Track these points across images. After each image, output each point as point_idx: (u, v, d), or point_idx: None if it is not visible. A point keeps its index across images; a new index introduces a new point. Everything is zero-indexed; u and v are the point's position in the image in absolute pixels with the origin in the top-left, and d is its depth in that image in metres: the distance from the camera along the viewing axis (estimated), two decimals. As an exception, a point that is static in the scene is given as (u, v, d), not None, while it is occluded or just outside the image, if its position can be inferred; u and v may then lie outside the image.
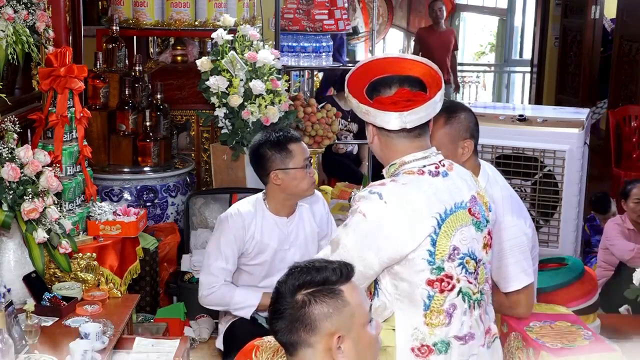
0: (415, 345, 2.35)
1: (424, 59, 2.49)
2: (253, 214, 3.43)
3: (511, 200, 2.97)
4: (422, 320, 2.34)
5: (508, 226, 2.87)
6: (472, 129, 2.99)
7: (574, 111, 5.01)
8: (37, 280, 3.29)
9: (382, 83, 2.40)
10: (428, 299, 2.33)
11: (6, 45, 3.45)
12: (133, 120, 4.62)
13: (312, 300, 1.81)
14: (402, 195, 2.32)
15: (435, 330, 2.34)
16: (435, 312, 2.34)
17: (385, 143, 2.42)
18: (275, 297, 1.86)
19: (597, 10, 8.26)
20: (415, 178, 2.37)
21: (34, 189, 3.17)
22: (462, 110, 3.00)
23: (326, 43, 5.67)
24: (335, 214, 4.64)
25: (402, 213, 2.30)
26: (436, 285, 2.33)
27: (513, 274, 2.88)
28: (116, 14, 5.02)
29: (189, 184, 4.90)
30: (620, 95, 7.64)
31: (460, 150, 2.95)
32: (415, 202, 2.32)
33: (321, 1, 5.56)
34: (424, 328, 2.34)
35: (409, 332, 2.35)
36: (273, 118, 4.57)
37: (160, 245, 4.31)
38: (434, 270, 2.32)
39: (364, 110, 2.37)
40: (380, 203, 2.31)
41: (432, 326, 2.34)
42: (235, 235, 3.39)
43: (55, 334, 3.06)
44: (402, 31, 11.30)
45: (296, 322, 1.81)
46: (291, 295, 1.83)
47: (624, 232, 4.83)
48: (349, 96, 2.41)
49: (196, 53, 5.66)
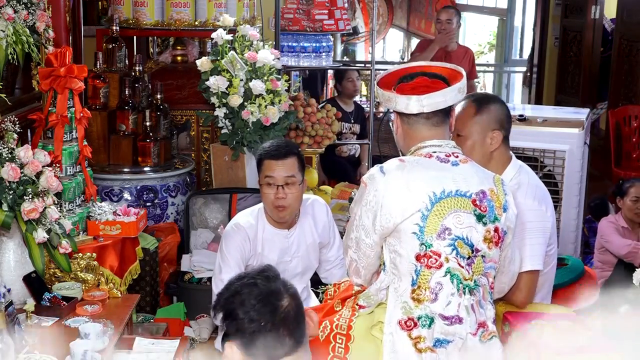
0: (403, 319, 2.46)
1: (452, 65, 2.67)
2: (254, 225, 3.43)
3: (536, 188, 3.06)
4: (410, 295, 2.46)
5: (529, 208, 2.94)
6: (503, 120, 3.05)
7: (574, 111, 5.01)
8: (37, 280, 3.29)
9: (407, 76, 2.58)
10: (415, 273, 2.46)
11: (6, 45, 3.45)
12: (133, 120, 4.62)
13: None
14: (401, 170, 2.49)
15: (421, 305, 2.45)
16: (422, 288, 2.45)
17: (407, 131, 2.57)
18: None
19: (597, 10, 8.26)
20: (421, 159, 2.52)
21: (34, 189, 3.17)
22: (493, 102, 3.08)
23: (326, 43, 5.68)
24: (335, 213, 4.65)
25: (396, 185, 2.46)
26: (423, 261, 2.45)
27: (527, 254, 2.92)
28: (116, 14, 5.02)
29: (189, 184, 4.90)
30: (620, 95, 7.64)
31: (489, 140, 3.02)
32: (413, 178, 2.47)
33: (321, 1, 5.56)
34: (411, 302, 2.46)
35: (398, 306, 2.47)
36: (273, 118, 4.57)
37: (160, 245, 4.31)
38: (422, 245, 2.44)
39: (386, 97, 2.55)
40: (380, 175, 2.50)
41: (418, 301, 2.46)
42: (240, 248, 3.40)
43: (55, 334, 3.05)
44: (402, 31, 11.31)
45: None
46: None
47: (618, 230, 4.84)
48: (376, 88, 2.61)
49: (196, 53, 5.66)
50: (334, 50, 6.30)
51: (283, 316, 1.82)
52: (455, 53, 6.41)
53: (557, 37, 8.94)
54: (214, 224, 4.67)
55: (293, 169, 3.31)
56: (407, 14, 11.33)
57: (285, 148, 3.37)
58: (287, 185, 3.30)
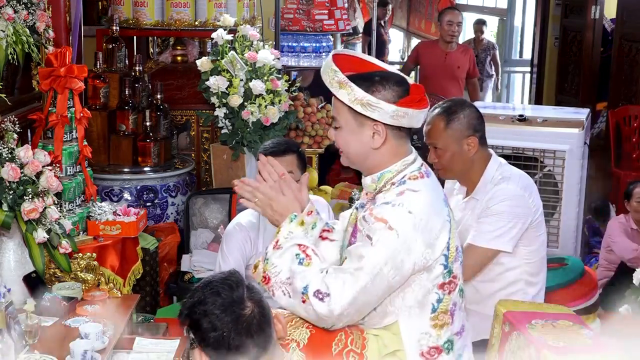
0: (424, 350, 2.33)
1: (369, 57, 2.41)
2: (256, 225, 3.43)
3: (521, 176, 3.11)
4: (430, 324, 2.33)
5: (513, 194, 3.00)
6: (474, 124, 3.05)
7: (574, 111, 5.01)
8: (37, 280, 3.29)
9: (390, 79, 2.26)
10: (437, 302, 2.32)
11: (6, 45, 3.45)
12: (133, 120, 4.62)
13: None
14: (423, 203, 2.25)
15: (442, 331, 2.34)
16: (441, 314, 2.33)
17: (392, 146, 2.31)
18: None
19: (597, 10, 8.25)
20: (424, 182, 2.31)
21: (34, 189, 3.17)
22: (460, 109, 3.04)
23: (326, 43, 5.69)
24: (336, 213, 4.63)
25: (426, 221, 2.24)
26: (446, 288, 2.33)
27: (482, 230, 2.98)
28: (116, 14, 5.02)
29: (189, 184, 4.90)
30: (620, 95, 7.64)
31: (466, 147, 3.02)
32: (434, 207, 2.28)
33: (321, 1, 5.57)
34: (432, 331, 2.33)
35: (415, 338, 2.33)
36: (273, 118, 4.57)
37: (160, 245, 4.31)
38: (446, 273, 2.32)
39: (401, 113, 2.23)
40: (405, 213, 2.22)
41: (439, 327, 2.34)
42: (240, 247, 3.40)
43: (55, 334, 3.05)
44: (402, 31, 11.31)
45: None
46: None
47: (627, 232, 4.83)
48: (381, 103, 2.21)
49: (196, 53, 5.66)
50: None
51: (246, 325, 1.84)
52: (455, 52, 6.40)
53: (557, 37, 8.93)
54: (214, 224, 4.67)
55: (292, 165, 3.30)
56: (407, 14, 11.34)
57: (285, 145, 3.37)
58: None
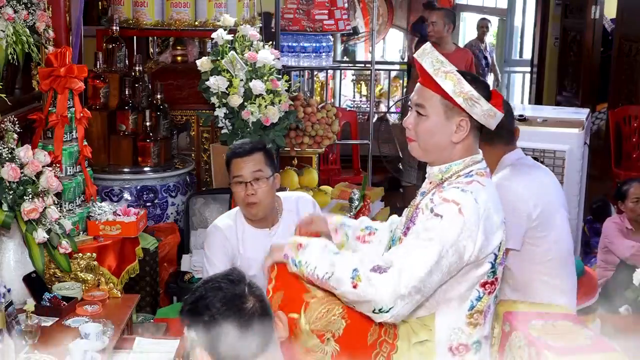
0: (453, 345, 2.36)
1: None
2: (233, 227, 3.40)
3: (521, 167, 3.15)
4: (465, 320, 2.35)
5: (512, 186, 3.00)
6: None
7: (574, 111, 5.02)
8: (37, 280, 3.29)
9: (479, 81, 2.41)
10: (476, 299, 2.35)
11: (6, 45, 3.44)
12: (133, 121, 4.62)
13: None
14: (487, 197, 2.33)
15: (474, 331, 2.37)
16: (476, 313, 2.36)
17: (468, 143, 2.40)
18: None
19: (597, 10, 8.27)
20: (488, 181, 2.41)
21: (34, 189, 3.17)
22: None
23: (326, 43, 5.68)
24: (336, 214, 4.63)
25: (488, 214, 2.31)
26: (487, 288, 2.36)
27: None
28: (116, 14, 5.02)
29: (189, 184, 4.90)
30: (620, 95, 7.65)
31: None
32: (495, 205, 2.35)
33: (321, 1, 5.57)
34: (465, 328, 2.36)
35: (448, 332, 2.36)
36: (273, 118, 4.56)
37: (160, 245, 4.31)
38: (491, 273, 2.35)
39: (492, 112, 2.34)
40: (472, 200, 2.28)
41: (472, 326, 2.36)
42: (221, 247, 3.38)
43: (55, 334, 3.05)
44: (402, 31, 11.30)
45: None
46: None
47: (623, 231, 4.83)
48: (482, 100, 2.32)
49: (196, 53, 5.66)
50: (333, 50, 6.29)
51: (248, 318, 1.84)
52: (452, 55, 6.27)
53: (557, 37, 8.95)
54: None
55: (260, 163, 3.30)
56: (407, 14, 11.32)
57: (250, 144, 3.38)
58: (255, 181, 3.28)
